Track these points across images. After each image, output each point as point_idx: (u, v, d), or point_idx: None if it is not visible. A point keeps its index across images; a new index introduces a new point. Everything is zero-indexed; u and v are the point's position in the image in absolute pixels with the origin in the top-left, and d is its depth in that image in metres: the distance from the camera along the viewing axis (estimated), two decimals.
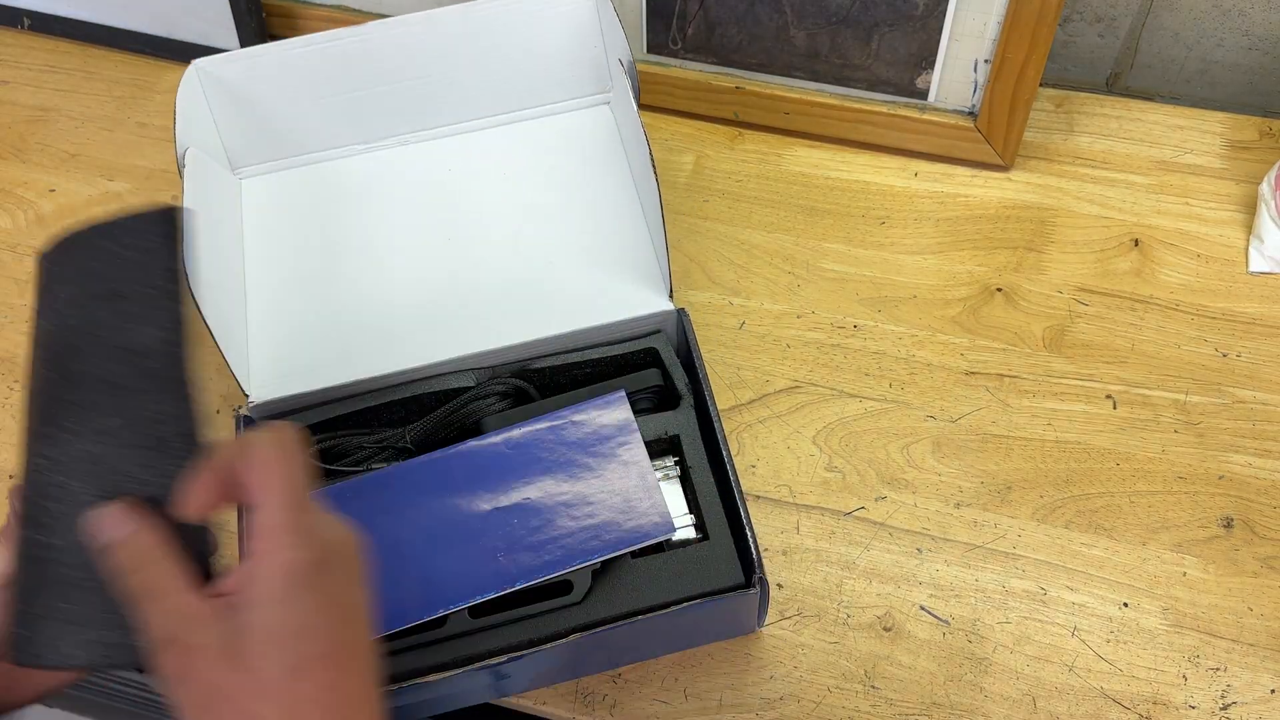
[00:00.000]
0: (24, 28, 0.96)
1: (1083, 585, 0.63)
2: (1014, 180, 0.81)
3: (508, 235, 0.71)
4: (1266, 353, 0.71)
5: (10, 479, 0.70)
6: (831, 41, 0.78)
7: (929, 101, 0.80)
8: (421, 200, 0.73)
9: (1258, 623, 0.61)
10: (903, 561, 0.64)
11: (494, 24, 0.72)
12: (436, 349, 0.64)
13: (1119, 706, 0.59)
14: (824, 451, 0.69)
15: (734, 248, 0.79)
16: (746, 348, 0.73)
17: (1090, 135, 0.83)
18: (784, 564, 0.65)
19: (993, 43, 0.74)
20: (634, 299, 0.65)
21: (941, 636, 0.62)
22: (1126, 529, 0.65)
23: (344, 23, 0.89)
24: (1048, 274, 0.76)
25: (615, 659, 0.61)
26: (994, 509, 0.66)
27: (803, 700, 0.60)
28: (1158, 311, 0.74)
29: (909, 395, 0.71)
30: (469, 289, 0.68)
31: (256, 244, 0.72)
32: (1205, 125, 0.83)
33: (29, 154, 0.88)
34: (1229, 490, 0.66)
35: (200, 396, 0.43)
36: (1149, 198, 0.79)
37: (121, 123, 0.90)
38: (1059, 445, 0.68)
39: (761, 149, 0.84)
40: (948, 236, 0.78)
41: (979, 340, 0.73)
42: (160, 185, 0.85)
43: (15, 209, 0.84)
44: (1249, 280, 0.75)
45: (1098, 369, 0.71)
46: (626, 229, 0.70)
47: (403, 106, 0.74)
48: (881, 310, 0.75)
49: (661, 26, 0.82)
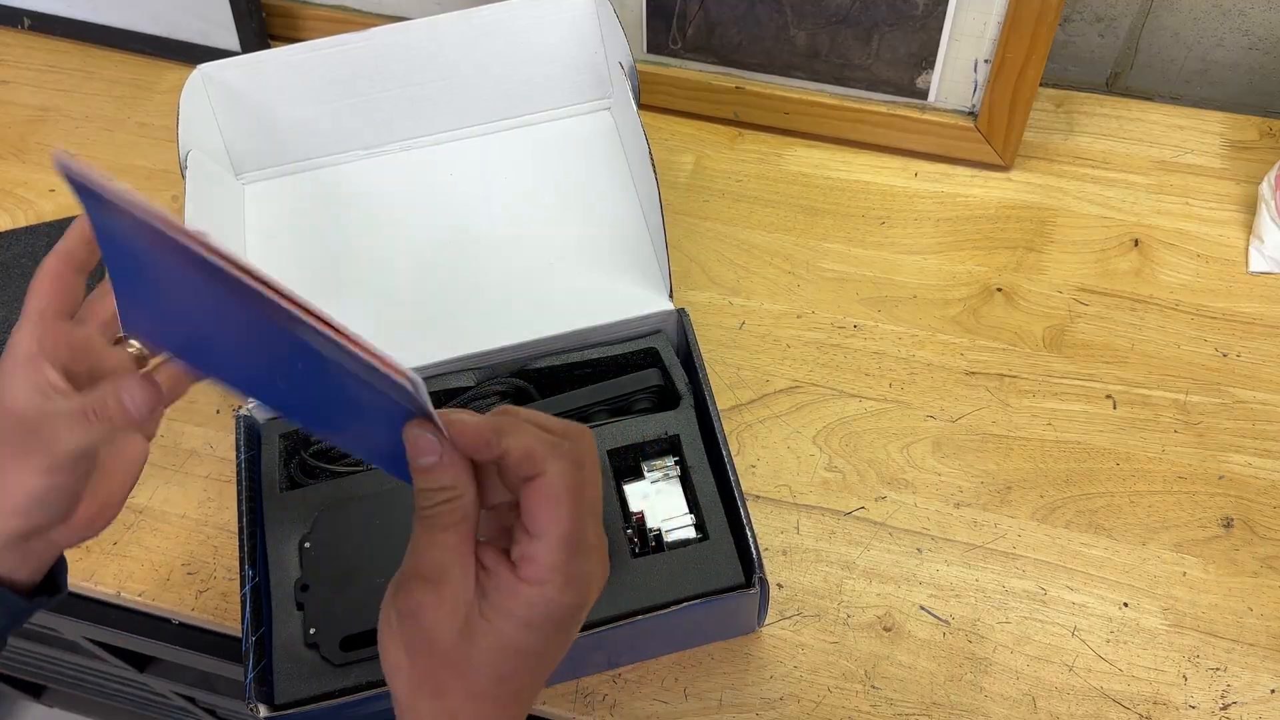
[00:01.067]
0: (24, 28, 0.96)
1: (1083, 585, 0.63)
2: (1014, 180, 0.81)
3: (508, 236, 0.71)
4: (1266, 353, 0.71)
5: None
6: (831, 41, 0.78)
7: (929, 101, 0.80)
8: (423, 203, 0.73)
9: (1258, 623, 0.61)
10: (903, 561, 0.64)
11: (495, 29, 0.72)
12: (436, 349, 0.64)
13: (1119, 706, 0.59)
14: (824, 451, 0.69)
15: (734, 248, 0.79)
16: (746, 348, 0.73)
17: (1090, 135, 0.83)
18: (784, 564, 0.65)
19: (993, 43, 0.74)
20: (634, 299, 0.66)
21: (941, 636, 0.62)
22: (1126, 529, 0.65)
23: (344, 23, 0.89)
24: (1048, 274, 0.76)
25: (615, 659, 0.61)
26: (994, 509, 0.66)
27: (803, 700, 0.60)
28: (1158, 311, 0.74)
29: (909, 395, 0.71)
30: (469, 289, 0.68)
31: (258, 246, 0.72)
32: (1205, 125, 0.83)
33: (29, 154, 0.88)
34: (1229, 490, 0.66)
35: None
36: (1149, 198, 0.79)
37: (121, 123, 0.90)
38: (1059, 445, 0.68)
39: (761, 149, 0.84)
40: (948, 236, 0.78)
41: (979, 340, 0.73)
42: (160, 185, 0.85)
43: (15, 209, 0.84)
44: (1249, 280, 0.75)
45: (1098, 369, 0.71)
46: (627, 229, 0.70)
47: (405, 111, 0.74)
48: (881, 310, 0.75)
49: (661, 27, 0.82)
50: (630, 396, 0.63)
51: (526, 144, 0.75)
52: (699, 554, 0.57)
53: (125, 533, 0.68)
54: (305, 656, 0.55)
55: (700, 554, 0.57)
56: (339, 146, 0.75)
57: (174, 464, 0.71)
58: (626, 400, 0.63)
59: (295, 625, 0.56)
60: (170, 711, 1.30)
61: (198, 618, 0.65)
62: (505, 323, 0.65)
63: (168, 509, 0.69)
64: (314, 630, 0.56)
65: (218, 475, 0.70)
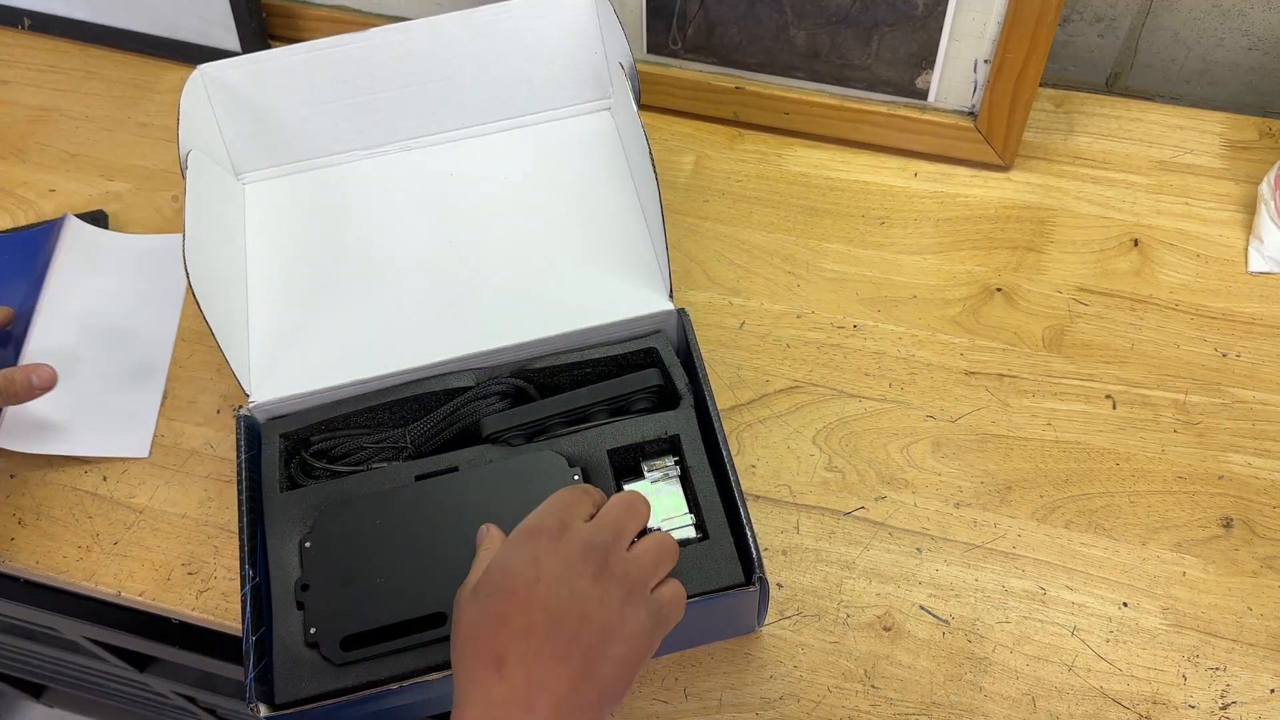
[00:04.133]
0: (24, 28, 0.96)
1: (1082, 585, 0.63)
2: (1014, 180, 0.81)
3: (508, 237, 0.71)
4: (1266, 353, 0.71)
5: (11, 478, 0.71)
6: (831, 41, 0.78)
7: (929, 101, 0.80)
8: (423, 203, 0.73)
9: (1257, 623, 0.61)
10: (902, 561, 0.64)
11: (495, 29, 0.72)
12: (436, 349, 0.64)
13: (1119, 706, 0.59)
14: (824, 451, 0.69)
15: (734, 248, 0.79)
16: (746, 348, 0.74)
17: (1090, 135, 0.83)
18: (784, 564, 0.65)
19: (993, 43, 0.74)
20: (634, 299, 0.66)
21: (941, 636, 0.62)
22: (1126, 529, 0.65)
23: (344, 23, 0.89)
24: (1047, 274, 0.76)
25: None
26: (994, 509, 0.66)
27: (803, 700, 0.60)
28: (1157, 311, 0.74)
29: (909, 395, 0.71)
30: (469, 290, 0.68)
31: (258, 246, 0.72)
32: (1205, 125, 0.83)
33: (29, 154, 0.88)
34: (1229, 490, 0.66)
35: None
36: (1149, 198, 0.79)
37: (121, 123, 0.90)
38: (1059, 445, 0.68)
39: (761, 149, 0.84)
40: (948, 236, 0.78)
41: (979, 340, 0.73)
42: (160, 185, 0.85)
43: (15, 209, 0.84)
44: (1249, 280, 0.75)
45: (1097, 369, 0.71)
46: (627, 229, 0.70)
47: (405, 111, 0.74)
48: (881, 310, 0.75)
49: (661, 27, 0.82)
50: (630, 396, 0.63)
51: (526, 144, 0.76)
52: (699, 554, 0.57)
53: (125, 532, 0.68)
54: (305, 656, 0.56)
55: (700, 554, 0.57)
56: (339, 146, 0.75)
57: (174, 464, 0.71)
58: (626, 400, 0.63)
59: (295, 625, 0.56)
60: (170, 711, 1.30)
61: (198, 617, 0.65)
62: (505, 323, 0.65)
63: (168, 509, 0.69)
64: (314, 630, 0.56)
65: (218, 475, 0.70)
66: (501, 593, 0.45)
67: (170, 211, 0.84)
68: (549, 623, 0.44)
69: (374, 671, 0.55)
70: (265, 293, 0.69)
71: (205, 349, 0.76)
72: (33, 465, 0.71)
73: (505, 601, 0.45)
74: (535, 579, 0.45)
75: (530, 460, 0.60)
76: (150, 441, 0.72)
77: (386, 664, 0.55)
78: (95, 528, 0.68)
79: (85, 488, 0.70)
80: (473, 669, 0.44)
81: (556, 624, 0.44)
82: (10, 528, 0.69)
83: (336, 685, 0.55)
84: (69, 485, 0.70)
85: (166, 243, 0.81)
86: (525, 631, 0.44)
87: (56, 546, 0.68)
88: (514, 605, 0.45)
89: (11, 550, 0.68)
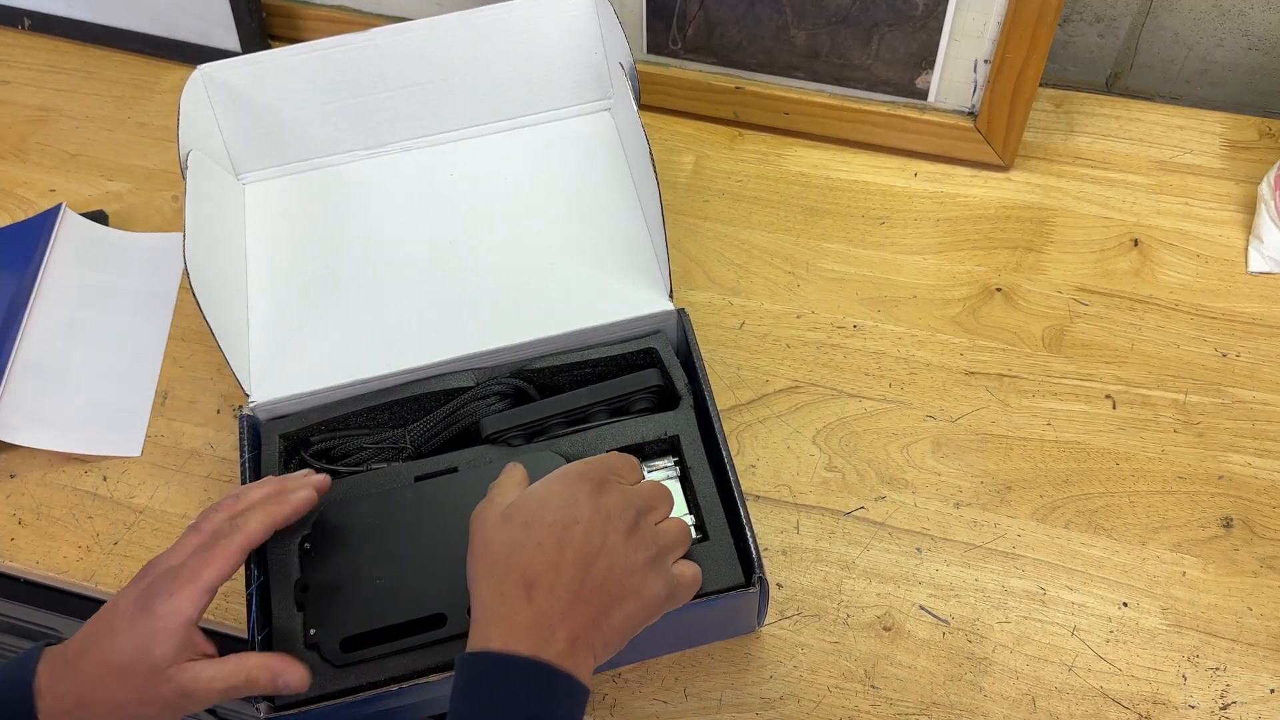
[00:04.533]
0: (24, 28, 0.96)
1: (1082, 585, 0.63)
2: (1014, 180, 0.81)
3: (508, 237, 0.71)
4: (1266, 353, 0.71)
5: (11, 477, 0.71)
6: (831, 41, 0.78)
7: (929, 101, 0.80)
8: (423, 204, 0.73)
9: (1257, 623, 0.61)
10: (902, 561, 0.64)
11: (495, 29, 0.72)
12: (436, 349, 0.64)
13: (1118, 706, 0.59)
14: (824, 451, 0.69)
15: (734, 248, 0.79)
16: (746, 348, 0.74)
17: (1090, 135, 0.83)
18: (784, 564, 0.65)
19: (993, 43, 0.74)
20: (634, 299, 0.66)
21: (941, 636, 0.62)
22: (1126, 529, 0.65)
23: (344, 23, 0.89)
24: (1047, 274, 0.76)
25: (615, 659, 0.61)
26: (994, 509, 0.66)
27: (802, 700, 0.60)
28: (1157, 311, 0.74)
29: (909, 395, 0.71)
30: (469, 290, 0.68)
31: (259, 246, 0.72)
32: (1205, 125, 0.83)
33: (29, 154, 0.88)
34: (1229, 490, 0.66)
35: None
36: (1149, 198, 0.79)
37: (121, 123, 0.90)
38: (1059, 445, 0.68)
39: (761, 149, 0.84)
40: (947, 236, 0.78)
41: (979, 340, 0.73)
42: (160, 185, 0.85)
43: (15, 209, 0.84)
44: (1249, 280, 0.75)
45: (1097, 369, 0.71)
46: (626, 229, 0.70)
47: (405, 112, 0.74)
48: (881, 310, 0.75)
49: (661, 27, 0.82)
50: (630, 397, 0.63)
51: (527, 144, 0.75)
52: (699, 554, 0.57)
53: (126, 533, 0.68)
54: (305, 657, 0.55)
55: (700, 554, 0.57)
56: (339, 146, 0.75)
57: (174, 464, 0.71)
58: (626, 400, 0.63)
59: (295, 626, 0.56)
60: None
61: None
62: (505, 323, 0.65)
63: (168, 509, 0.69)
64: (314, 631, 0.56)
65: (218, 475, 0.70)
66: (540, 524, 0.48)
67: (170, 211, 0.84)
68: (580, 563, 0.47)
69: (374, 673, 0.55)
70: (265, 293, 0.69)
71: (205, 349, 0.76)
72: (33, 465, 0.71)
73: (543, 532, 0.48)
74: (574, 519, 0.48)
75: (530, 461, 0.60)
76: (142, 440, 0.72)
77: (386, 665, 0.55)
78: (95, 528, 0.68)
79: (85, 488, 0.70)
80: (501, 586, 0.47)
81: (586, 567, 0.47)
82: (10, 528, 0.69)
83: (336, 686, 0.55)
84: (69, 485, 0.70)
85: (164, 241, 0.81)
86: (556, 565, 0.47)
87: (57, 546, 0.68)
88: (550, 537, 0.48)
89: (11, 550, 0.68)
